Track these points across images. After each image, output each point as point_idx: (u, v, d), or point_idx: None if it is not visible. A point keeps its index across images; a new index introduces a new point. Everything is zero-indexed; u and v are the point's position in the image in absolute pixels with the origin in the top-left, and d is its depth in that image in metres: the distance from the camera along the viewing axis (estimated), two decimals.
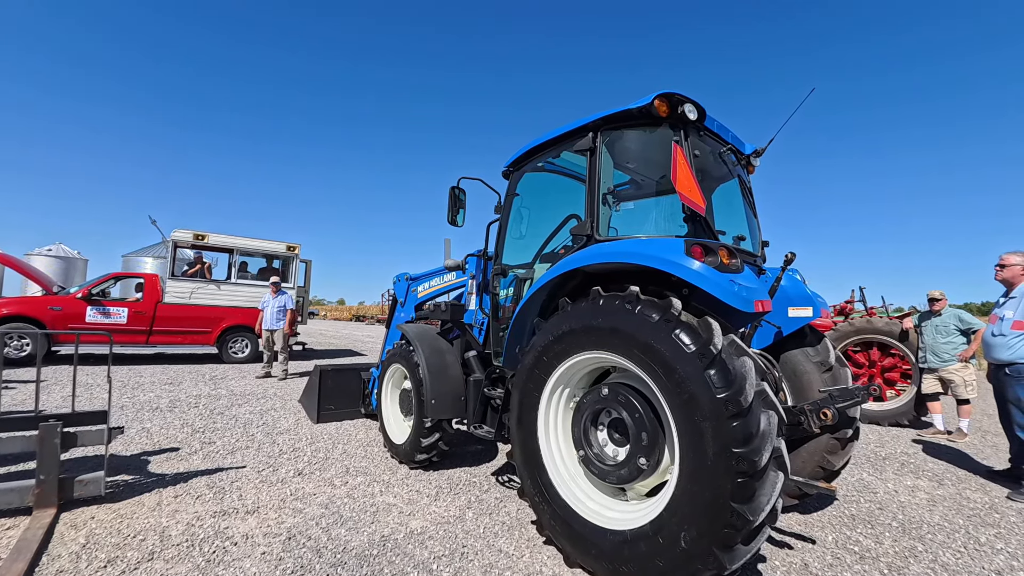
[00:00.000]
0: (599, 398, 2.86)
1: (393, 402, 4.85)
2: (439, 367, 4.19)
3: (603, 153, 3.29)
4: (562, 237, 4.32)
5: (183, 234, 10.86)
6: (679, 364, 2.37)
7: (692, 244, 2.62)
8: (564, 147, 3.62)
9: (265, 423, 5.79)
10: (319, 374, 5.93)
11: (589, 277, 3.18)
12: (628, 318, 2.59)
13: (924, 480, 4.90)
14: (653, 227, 3.79)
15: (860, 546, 3.38)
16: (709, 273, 2.52)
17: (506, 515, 3.52)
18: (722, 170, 3.57)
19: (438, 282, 5.17)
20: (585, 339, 2.81)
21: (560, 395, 3.10)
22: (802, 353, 3.64)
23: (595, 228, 3.17)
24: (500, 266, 4.02)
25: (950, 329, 6.58)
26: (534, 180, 4.14)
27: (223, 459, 4.43)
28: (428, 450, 4.20)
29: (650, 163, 3.52)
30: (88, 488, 3.27)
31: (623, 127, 3.25)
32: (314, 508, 3.46)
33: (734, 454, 2.19)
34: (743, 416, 2.21)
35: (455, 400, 4.13)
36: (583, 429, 2.94)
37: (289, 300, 9.49)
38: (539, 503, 3.00)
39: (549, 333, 3.00)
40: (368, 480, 4.06)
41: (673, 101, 3.02)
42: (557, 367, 2.98)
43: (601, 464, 2.82)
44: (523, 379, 3.17)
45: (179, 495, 3.56)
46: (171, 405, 6.52)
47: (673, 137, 3.06)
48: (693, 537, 2.28)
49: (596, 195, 3.21)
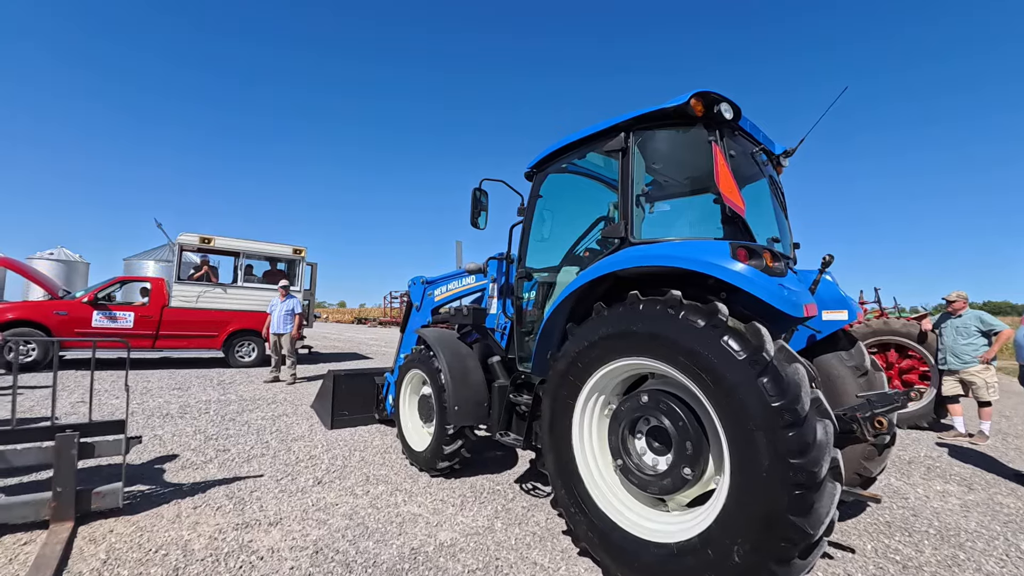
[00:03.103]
0: (638, 405, 2.77)
1: (412, 408, 4.75)
2: (461, 373, 4.09)
3: (635, 153, 3.20)
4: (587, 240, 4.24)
5: (189, 237, 10.77)
6: (729, 371, 2.27)
7: (737, 247, 2.53)
8: (592, 148, 3.53)
9: (278, 429, 5.69)
10: (333, 379, 5.83)
11: (619, 281, 3.08)
12: (671, 324, 2.50)
13: (953, 485, 4.80)
14: (683, 229, 3.71)
15: (901, 555, 3.28)
16: (757, 277, 2.43)
17: (535, 525, 3.42)
18: (753, 170, 3.49)
19: (456, 286, 5.07)
20: (623, 345, 2.72)
21: (595, 402, 3.00)
22: (836, 357, 3.55)
23: (629, 231, 3.08)
24: (524, 269, 3.93)
25: (971, 330, 6.49)
26: (558, 182, 4.05)
27: (239, 467, 4.32)
28: (450, 457, 4.10)
29: (680, 164, 3.42)
30: (106, 500, 3.18)
31: (655, 127, 3.16)
32: (338, 519, 3.36)
33: (791, 465, 2.09)
34: (799, 426, 2.12)
35: (478, 406, 4.03)
36: (621, 438, 2.84)
37: (297, 304, 9.39)
38: (575, 514, 2.90)
39: (584, 339, 2.90)
40: (390, 489, 3.96)
41: (709, 100, 2.94)
42: (593, 374, 2.89)
43: (642, 474, 2.72)
44: (555, 386, 3.07)
45: (198, 506, 3.46)
46: (181, 411, 6.42)
47: (708, 137, 2.98)
48: (747, 551, 2.18)
49: (629, 197, 3.12)
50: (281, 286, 9.44)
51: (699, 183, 3.35)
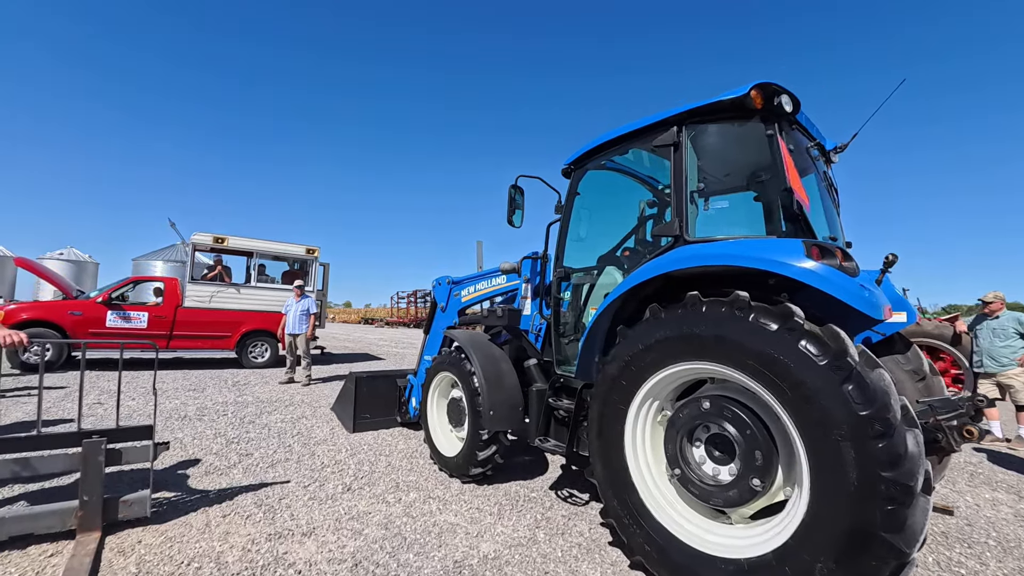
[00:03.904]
0: (699, 412, 2.61)
1: (440, 412, 4.60)
2: (495, 376, 3.94)
3: (688, 148, 3.04)
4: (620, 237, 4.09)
5: (203, 237, 10.68)
6: (808, 378, 2.12)
7: (811, 245, 2.37)
8: (638, 143, 3.39)
9: (300, 432, 5.56)
10: (355, 381, 5.69)
11: (668, 282, 2.93)
12: (739, 326, 2.34)
13: (1002, 493, 4.62)
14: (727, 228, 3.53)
15: (966, 568, 3.11)
16: (836, 276, 2.27)
17: (579, 535, 3.27)
18: (806, 165, 3.33)
19: (485, 286, 4.92)
20: (683, 349, 2.56)
21: (648, 408, 2.84)
22: (893, 361, 3.38)
23: (684, 229, 2.92)
24: (562, 269, 3.78)
25: (1009, 332, 6.29)
26: (597, 179, 3.91)
27: (264, 473, 4.19)
28: (484, 464, 3.96)
29: (735, 159, 3.26)
30: (133, 509, 3.05)
31: (710, 120, 3.01)
32: (373, 529, 3.22)
33: (882, 478, 1.94)
34: (890, 436, 1.96)
35: (512, 411, 3.88)
36: (678, 446, 2.68)
37: (312, 304, 9.27)
38: (629, 525, 2.74)
39: (638, 341, 2.74)
40: (422, 496, 3.81)
41: (769, 92, 2.79)
42: (648, 379, 2.73)
43: (703, 484, 2.56)
44: (605, 391, 2.92)
45: (227, 514, 3.33)
46: (199, 413, 6.31)
47: (767, 131, 2.83)
48: (831, 569, 2.03)
49: (684, 193, 2.97)
50: (296, 286, 9.33)
51: (753, 179, 3.19)
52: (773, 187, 2.84)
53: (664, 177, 4.20)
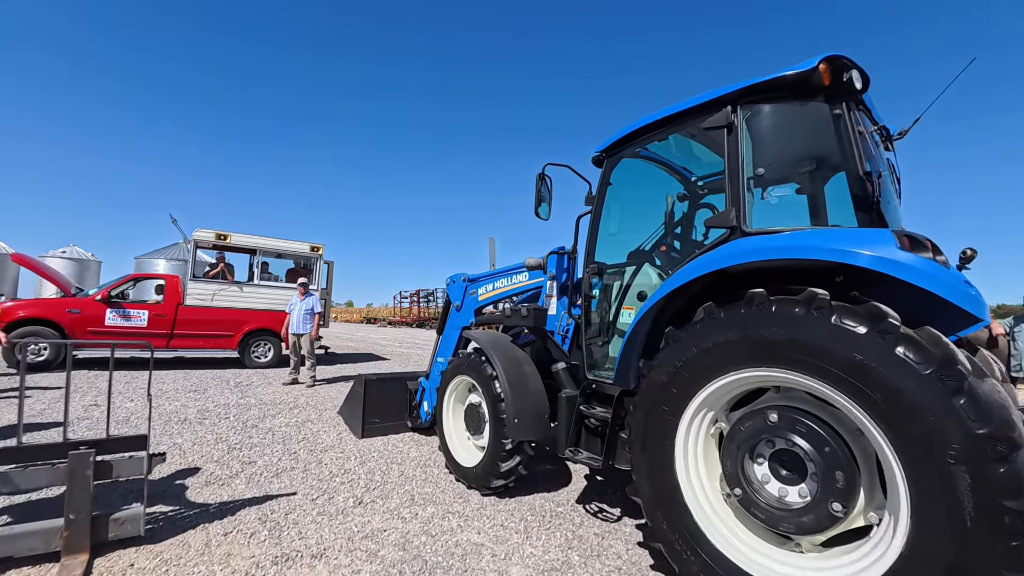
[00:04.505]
0: (765, 426, 2.30)
1: (457, 419, 4.30)
2: (519, 380, 3.63)
3: (744, 130, 2.73)
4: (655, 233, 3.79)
5: (205, 234, 10.38)
6: (909, 389, 1.81)
7: (902, 236, 2.07)
8: (681, 128, 3.07)
9: (305, 438, 5.26)
10: (364, 384, 5.38)
11: (717, 280, 2.62)
12: (818, 329, 2.03)
13: None
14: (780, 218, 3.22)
15: None
16: (939, 272, 1.97)
17: (616, 557, 2.96)
18: (871, 151, 3.01)
19: (504, 284, 4.60)
20: (747, 353, 2.25)
21: (702, 420, 2.53)
22: None
23: (741, 219, 2.61)
24: (595, 265, 3.47)
25: None
26: (631, 168, 3.61)
27: (269, 484, 3.89)
28: (507, 475, 3.65)
29: (794, 142, 2.94)
30: (125, 527, 2.75)
31: (769, 99, 2.70)
32: (390, 550, 2.91)
33: (1006, 508, 1.63)
34: (1013, 459, 1.65)
35: (538, 418, 3.58)
36: (739, 463, 2.37)
37: (317, 303, 8.97)
38: (682, 552, 2.43)
39: (693, 345, 2.44)
40: (440, 511, 3.51)
41: (838, 66, 2.48)
42: (704, 387, 2.42)
43: (771, 508, 2.25)
44: (652, 400, 2.61)
45: (228, 532, 3.03)
46: (200, 416, 6.01)
47: (835, 110, 2.53)
48: None
49: (740, 179, 2.66)
50: (300, 283, 9.03)
51: (819, 165, 2.88)
52: (845, 174, 2.54)
53: (698, 168, 3.91)
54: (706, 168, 3.85)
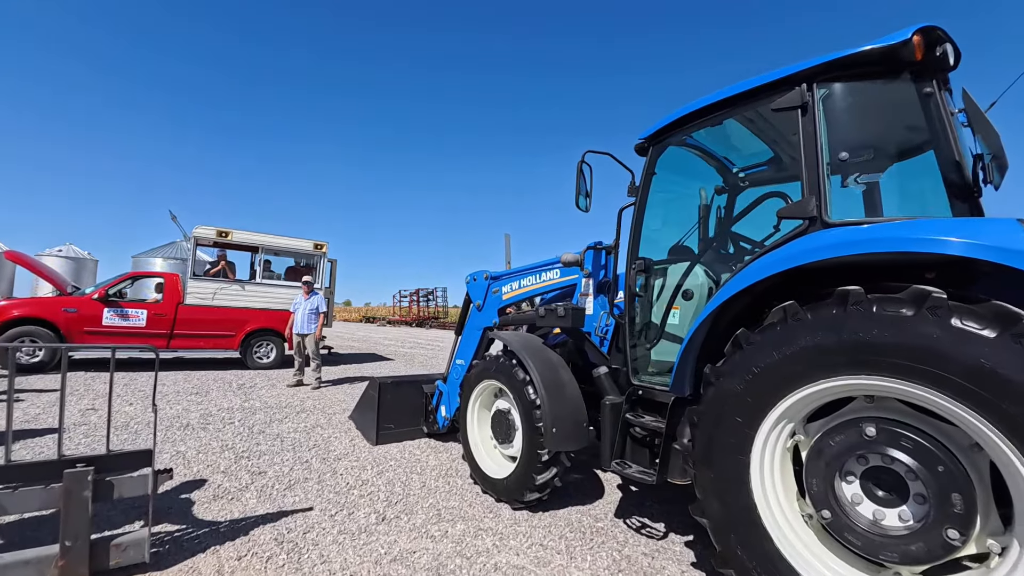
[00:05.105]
0: (860, 440, 2.02)
1: (483, 426, 4.01)
2: (555, 386, 3.35)
3: (820, 111, 2.45)
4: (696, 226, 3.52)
5: (205, 231, 10.05)
6: None
7: None
8: (746, 110, 2.78)
9: (316, 445, 4.97)
10: (378, 388, 5.08)
11: (787, 278, 2.34)
12: (934, 331, 1.76)
13: None
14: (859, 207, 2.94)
15: None
16: None
17: None
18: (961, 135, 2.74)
19: (532, 281, 4.30)
20: (843, 359, 1.97)
21: (780, 433, 2.25)
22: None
23: (822, 209, 2.33)
24: (641, 261, 3.18)
25: None
26: (677, 157, 3.34)
27: (282, 497, 3.60)
28: (542, 488, 3.37)
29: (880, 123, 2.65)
30: (128, 554, 2.46)
31: (850, 76, 2.42)
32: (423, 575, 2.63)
33: None
34: None
35: (578, 427, 3.30)
36: (828, 482, 2.10)
37: (322, 302, 8.67)
38: None
39: (774, 349, 2.15)
40: (471, 528, 3.22)
41: (932, 39, 2.21)
42: (786, 396, 2.14)
43: (870, 534, 1.98)
44: (721, 410, 2.33)
45: (242, 556, 2.74)
46: (203, 421, 5.71)
47: (925, 88, 2.26)
48: None
49: (820, 165, 2.38)
50: (304, 282, 8.73)
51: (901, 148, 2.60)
52: (938, 159, 2.27)
53: (739, 160, 3.64)
54: (747, 159, 3.59)
